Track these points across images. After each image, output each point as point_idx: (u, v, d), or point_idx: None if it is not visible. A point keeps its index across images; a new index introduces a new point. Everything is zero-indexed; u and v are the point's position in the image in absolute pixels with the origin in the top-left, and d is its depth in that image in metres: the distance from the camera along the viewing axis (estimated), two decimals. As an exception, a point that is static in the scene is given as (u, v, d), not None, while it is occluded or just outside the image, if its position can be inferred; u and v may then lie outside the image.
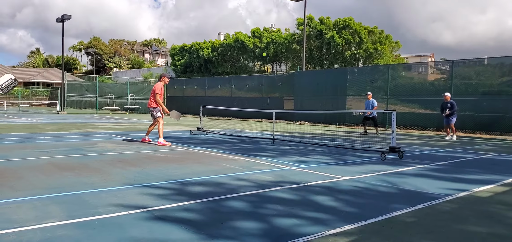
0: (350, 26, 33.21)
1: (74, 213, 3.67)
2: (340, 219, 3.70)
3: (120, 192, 4.55)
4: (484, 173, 6.49)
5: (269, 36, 39.11)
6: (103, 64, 73.61)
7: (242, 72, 39.59)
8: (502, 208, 4.29)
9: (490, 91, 15.89)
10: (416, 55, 52.08)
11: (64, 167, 6.09)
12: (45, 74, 57.65)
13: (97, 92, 31.89)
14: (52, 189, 4.61)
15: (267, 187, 5.02)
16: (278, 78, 25.68)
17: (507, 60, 16.14)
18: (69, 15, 29.70)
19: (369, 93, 15.54)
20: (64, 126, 15.27)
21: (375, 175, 6.06)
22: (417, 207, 4.20)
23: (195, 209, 3.93)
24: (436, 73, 20.40)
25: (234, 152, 8.40)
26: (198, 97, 29.03)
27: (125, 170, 5.96)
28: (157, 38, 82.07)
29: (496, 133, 15.35)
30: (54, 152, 7.81)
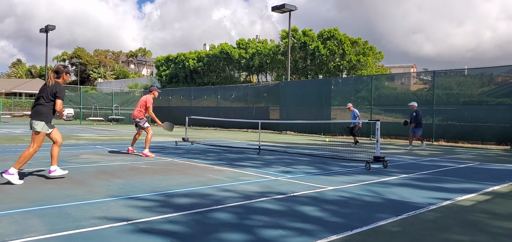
0: (335, 37, 33.67)
1: (56, 227, 3.59)
2: (326, 229, 3.71)
3: (104, 204, 4.48)
4: (466, 182, 6.61)
5: (255, 47, 39.33)
6: (87, 75, 72.73)
7: (228, 82, 39.64)
8: (485, 216, 4.37)
9: (470, 101, 16.26)
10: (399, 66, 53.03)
11: (46, 180, 5.96)
12: (28, 85, 56.64)
13: (81, 103, 31.46)
14: (33, 202, 4.51)
15: (253, 197, 5.00)
16: (264, 88, 25.79)
17: (486, 71, 16.57)
18: (53, 26, 29.36)
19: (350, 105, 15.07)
20: (46, 138, 14.97)
21: (360, 184, 6.11)
22: (402, 216, 4.24)
23: (180, 221, 3.90)
24: (419, 83, 20.79)
25: (220, 163, 8.37)
26: (184, 107, 28.91)
27: (109, 182, 5.87)
28: (142, 48, 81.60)
29: (478, 142, 15.68)
30: (36, 164, 7.65)
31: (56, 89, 5.84)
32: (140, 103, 9.70)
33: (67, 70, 6.13)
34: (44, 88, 5.91)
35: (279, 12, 24.94)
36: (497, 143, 15.21)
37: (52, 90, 5.83)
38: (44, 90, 5.87)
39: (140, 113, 9.61)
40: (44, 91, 5.87)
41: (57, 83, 5.90)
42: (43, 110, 5.82)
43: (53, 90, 5.83)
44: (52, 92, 5.83)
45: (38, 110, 5.82)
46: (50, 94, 5.83)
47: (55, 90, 5.84)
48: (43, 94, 5.85)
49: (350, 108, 14.89)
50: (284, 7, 23.78)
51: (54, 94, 5.84)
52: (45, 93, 5.84)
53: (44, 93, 5.85)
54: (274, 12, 24.73)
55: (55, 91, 5.83)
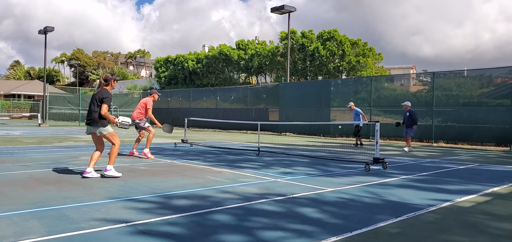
0: (335, 37, 33.69)
1: (55, 228, 3.58)
2: (326, 231, 3.70)
3: (103, 206, 4.46)
4: (466, 183, 6.61)
5: (254, 48, 39.35)
6: (86, 76, 72.71)
7: (227, 84, 39.64)
8: (484, 217, 4.37)
9: (470, 102, 16.27)
10: (398, 67, 53.08)
11: (45, 181, 5.95)
12: (27, 87, 56.58)
13: (80, 104, 31.43)
14: (32, 204, 4.50)
15: (252, 199, 4.99)
16: (263, 90, 25.78)
17: (485, 72, 16.59)
18: (52, 27, 29.32)
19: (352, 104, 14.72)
20: (45, 139, 14.96)
21: (360, 186, 6.10)
22: (401, 217, 4.24)
23: (179, 222, 3.88)
24: (418, 84, 20.81)
25: (219, 164, 8.36)
26: (183, 109, 28.88)
27: (108, 184, 5.86)
28: (141, 50, 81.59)
29: (477, 143, 15.68)
30: (34, 165, 7.64)
31: (103, 95, 6.29)
32: (139, 105, 9.72)
33: (115, 78, 6.61)
34: (94, 95, 6.39)
35: (279, 13, 24.95)
36: (497, 144, 15.21)
37: (100, 96, 6.29)
38: (94, 98, 6.36)
39: (140, 115, 9.63)
40: (94, 98, 6.35)
41: (104, 89, 6.39)
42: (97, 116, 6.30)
43: (101, 96, 6.29)
44: (100, 98, 6.28)
45: (94, 118, 6.29)
46: (98, 100, 6.28)
47: (103, 96, 6.29)
48: (93, 102, 6.33)
49: (352, 107, 14.45)
50: (283, 8, 23.79)
51: (101, 100, 6.27)
52: (94, 100, 6.32)
53: (94, 101, 6.34)
54: (273, 13, 24.75)
55: (102, 97, 6.27)
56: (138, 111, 9.66)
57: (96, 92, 6.42)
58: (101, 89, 6.40)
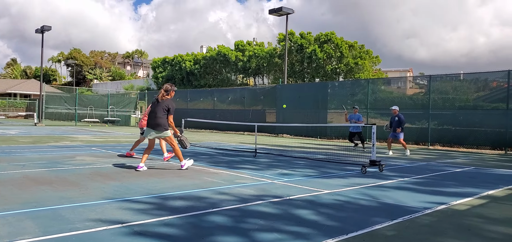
0: (332, 40, 33.76)
1: (50, 229, 3.56)
2: (322, 233, 3.70)
3: (98, 207, 4.45)
4: (461, 186, 6.63)
5: (252, 49, 39.37)
6: (83, 76, 72.48)
7: (225, 85, 39.63)
8: (479, 221, 4.39)
9: (466, 105, 16.34)
10: (395, 70, 53.25)
11: (40, 181, 5.92)
12: (23, 86, 56.36)
13: (77, 104, 31.33)
14: (27, 204, 4.47)
15: (249, 201, 4.99)
16: (260, 91, 25.78)
17: (481, 76, 16.67)
18: (49, 26, 29.21)
19: (356, 108, 14.66)
20: (41, 139, 14.90)
21: (356, 188, 6.11)
22: (397, 220, 4.25)
23: (175, 224, 3.88)
24: (415, 87, 20.86)
25: (216, 165, 8.35)
26: (180, 109, 28.77)
27: (104, 184, 5.84)
28: (139, 50, 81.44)
29: (473, 146, 15.75)
30: (30, 165, 7.60)
31: (169, 105, 7.36)
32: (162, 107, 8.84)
33: (173, 88, 7.55)
34: (159, 104, 7.34)
35: (276, 15, 24.99)
36: (492, 147, 15.28)
37: (166, 106, 7.33)
38: (159, 106, 7.33)
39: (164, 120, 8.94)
40: (159, 106, 7.32)
41: (169, 100, 7.42)
42: (163, 122, 7.33)
43: (167, 106, 7.33)
44: (166, 108, 7.33)
45: (160, 123, 7.29)
46: (165, 109, 7.32)
47: (169, 106, 7.35)
48: (159, 109, 7.32)
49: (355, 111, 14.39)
50: (281, 10, 23.83)
51: (168, 109, 7.34)
52: (160, 108, 7.32)
53: (159, 108, 7.32)
54: (271, 15, 24.77)
55: (168, 107, 7.35)
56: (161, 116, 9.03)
57: (160, 101, 7.33)
58: (166, 100, 7.36)
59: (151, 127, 7.39)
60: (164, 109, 7.32)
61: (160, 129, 7.31)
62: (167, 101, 7.37)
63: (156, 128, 7.32)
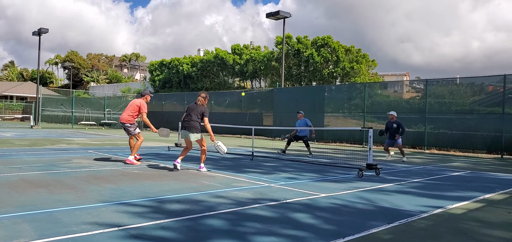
0: (329, 44, 33.87)
1: (46, 232, 3.55)
2: (318, 236, 3.71)
3: (95, 210, 4.44)
4: (457, 190, 6.65)
5: (249, 53, 39.42)
6: (80, 79, 72.31)
7: (222, 88, 39.64)
8: (475, 225, 4.40)
9: (462, 110, 16.42)
10: (392, 74, 53.45)
11: (36, 184, 5.90)
12: (19, 88, 56.15)
13: (73, 106, 31.23)
14: (23, 207, 4.45)
15: (246, 204, 4.99)
16: (258, 94, 25.80)
17: (477, 80, 16.77)
18: (46, 29, 29.16)
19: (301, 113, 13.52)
20: (37, 141, 14.84)
21: (353, 191, 6.13)
22: (394, 224, 4.26)
23: (172, 227, 3.87)
24: (411, 91, 20.96)
25: (213, 168, 8.35)
26: (177, 112, 28.79)
27: (100, 187, 5.82)
28: (135, 53, 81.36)
29: (469, 150, 15.81)
30: (26, 168, 7.57)
31: (204, 111, 7.97)
32: (131, 107, 8.96)
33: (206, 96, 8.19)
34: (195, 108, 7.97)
35: (274, 19, 25.04)
36: (488, 151, 15.35)
37: (201, 110, 7.93)
38: (195, 110, 7.94)
39: (131, 118, 8.91)
40: (195, 110, 7.93)
41: (204, 107, 8.04)
42: (197, 125, 7.88)
43: (202, 111, 7.93)
44: (201, 112, 7.91)
45: (195, 126, 7.84)
46: (200, 113, 7.91)
47: (203, 111, 7.96)
48: (195, 113, 7.89)
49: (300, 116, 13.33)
50: (278, 14, 23.89)
51: (202, 114, 7.94)
52: (196, 112, 7.90)
53: (195, 113, 7.90)
54: (268, 18, 24.83)
55: (203, 112, 7.95)
56: (129, 114, 8.86)
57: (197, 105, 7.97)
58: (201, 106, 7.97)
59: (186, 128, 7.84)
60: (200, 114, 7.92)
61: (195, 131, 7.79)
62: (203, 108, 8.00)
63: (191, 130, 7.78)
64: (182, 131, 8.02)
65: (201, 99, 8.05)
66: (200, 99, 8.04)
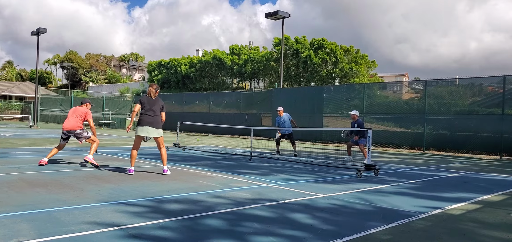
0: (325, 46, 33.92)
1: (45, 231, 3.54)
2: (317, 237, 3.71)
3: (93, 209, 4.43)
4: (456, 191, 6.66)
5: (247, 53, 39.43)
6: (78, 79, 72.24)
7: (220, 88, 39.64)
8: (474, 225, 4.41)
9: (461, 110, 16.44)
10: (391, 75, 53.51)
11: (35, 183, 5.89)
12: (18, 88, 56.07)
13: (72, 106, 31.16)
14: (22, 206, 4.45)
15: (244, 204, 4.99)
16: (256, 95, 25.80)
17: (476, 81, 16.80)
18: (45, 29, 29.12)
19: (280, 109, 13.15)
20: (36, 141, 14.82)
21: (351, 192, 6.13)
22: (392, 224, 4.26)
23: (170, 227, 3.87)
24: (411, 92, 20.98)
25: (211, 169, 8.34)
26: (176, 113, 28.80)
27: (99, 187, 5.82)
28: (134, 53, 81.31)
29: (468, 151, 15.83)
30: (25, 167, 7.56)
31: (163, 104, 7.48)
32: (77, 114, 8.57)
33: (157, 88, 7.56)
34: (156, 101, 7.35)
35: (273, 19, 25.05)
36: (487, 152, 15.36)
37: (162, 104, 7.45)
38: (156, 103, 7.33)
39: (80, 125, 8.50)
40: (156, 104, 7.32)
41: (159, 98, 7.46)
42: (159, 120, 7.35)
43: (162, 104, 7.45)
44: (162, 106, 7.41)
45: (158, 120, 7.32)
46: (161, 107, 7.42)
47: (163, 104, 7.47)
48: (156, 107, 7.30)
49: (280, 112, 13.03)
50: (277, 14, 23.90)
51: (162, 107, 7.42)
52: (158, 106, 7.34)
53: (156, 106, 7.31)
54: (267, 18, 24.83)
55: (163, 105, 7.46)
56: (76, 121, 8.47)
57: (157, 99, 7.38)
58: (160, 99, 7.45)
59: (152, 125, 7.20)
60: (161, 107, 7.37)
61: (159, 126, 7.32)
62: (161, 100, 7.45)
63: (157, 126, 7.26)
64: (143, 127, 7.18)
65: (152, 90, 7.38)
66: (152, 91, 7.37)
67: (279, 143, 13.46)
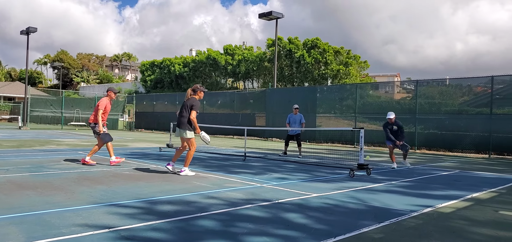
0: (318, 46, 34.03)
1: (35, 234, 3.51)
2: (310, 236, 3.72)
3: (85, 211, 4.40)
4: (447, 189, 6.73)
5: (241, 53, 39.41)
6: (70, 79, 71.61)
7: (214, 88, 39.58)
8: (464, 223, 4.46)
9: (451, 110, 16.61)
10: (383, 75, 53.83)
11: (25, 186, 5.83)
12: (7, 88, 55.41)
13: (63, 107, 30.91)
14: (11, 209, 4.40)
15: (238, 205, 4.99)
16: (250, 95, 25.80)
17: (465, 81, 17.00)
18: (34, 28, 28.84)
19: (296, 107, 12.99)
20: (26, 142, 14.66)
21: (344, 191, 6.16)
22: (384, 223, 4.29)
23: (163, 228, 3.85)
24: (402, 92, 21.13)
25: (205, 169, 8.32)
26: (169, 113, 28.68)
27: (91, 188, 5.77)
28: (127, 53, 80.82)
29: (458, 150, 15.99)
30: (14, 169, 7.47)
31: (192, 103, 7.22)
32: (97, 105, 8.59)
33: (202, 89, 7.45)
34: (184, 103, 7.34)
35: (266, 19, 25.07)
36: (477, 151, 15.54)
37: (190, 103, 7.22)
38: (184, 105, 7.29)
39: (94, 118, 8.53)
40: (184, 105, 7.28)
41: (193, 98, 7.30)
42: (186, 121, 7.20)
43: (190, 103, 7.22)
44: (190, 105, 7.20)
45: (183, 122, 7.19)
46: (189, 107, 7.21)
47: (192, 103, 7.21)
48: (184, 108, 7.24)
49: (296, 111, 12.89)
50: (271, 14, 23.92)
51: (191, 107, 7.19)
52: (185, 107, 7.24)
53: (184, 107, 7.25)
54: (260, 19, 24.84)
55: (192, 104, 7.21)
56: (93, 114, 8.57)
57: (186, 100, 7.32)
58: (191, 98, 7.27)
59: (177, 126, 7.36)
60: (189, 108, 7.21)
61: (183, 128, 7.21)
62: (191, 99, 7.28)
63: (179, 126, 7.27)
64: (176, 130, 7.47)
65: (189, 91, 7.44)
66: (189, 91, 7.43)
67: (288, 143, 13.08)
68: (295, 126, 12.77)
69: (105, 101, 8.60)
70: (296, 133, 12.84)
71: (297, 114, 12.91)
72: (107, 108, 8.64)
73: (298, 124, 12.80)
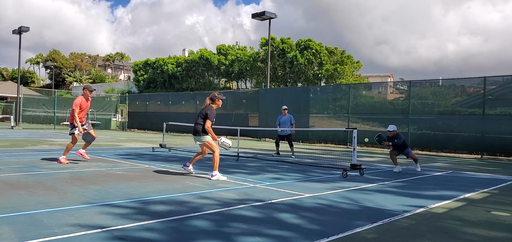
0: (311, 47, 34.12)
1: (27, 234, 3.48)
2: (303, 236, 3.73)
3: (77, 211, 4.37)
4: (439, 189, 6.78)
5: (234, 53, 39.38)
6: (62, 78, 71.04)
7: (207, 88, 39.50)
8: (456, 223, 4.49)
9: (444, 111, 16.73)
10: (376, 75, 54.10)
11: (17, 185, 5.77)
12: (-1, 87, 54.80)
13: (56, 106, 30.67)
14: (3, 209, 4.35)
15: (231, 205, 4.98)
16: (243, 95, 25.80)
17: (458, 82, 17.13)
18: (27, 27, 28.58)
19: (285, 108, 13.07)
20: (18, 142, 14.53)
21: (337, 191, 6.18)
22: (377, 223, 4.31)
23: (156, 228, 3.84)
24: (395, 92, 21.26)
25: (198, 169, 8.31)
26: (162, 113, 28.58)
27: (83, 188, 5.73)
28: (120, 53, 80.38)
29: (451, 150, 16.12)
30: (6, 169, 7.40)
31: (207, 111, 7.18)
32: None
33: (220, 97, 7.42)
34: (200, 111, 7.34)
35: (259, 19, 25.07)
36: (469, 152, 15.67)
37: (204, 112, 7.20)
38: (200, 112, 7.31)
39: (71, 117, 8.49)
40: (200, 113, 7.30)
41: (210, 106, 7.28)
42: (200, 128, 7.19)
43: (205, 111, 7.19)
44: (204, 114, 7.17)
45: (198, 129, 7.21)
46: (203, 115, 7.18)
47: (207, 111, 7.18)
48: (200, 116, 7.26)
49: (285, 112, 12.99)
50: (264, 14, 23.92)
51: (206, 115, 7.14)
52: (200, 114, 7.26)
53: (200, 115, 7.27)
54: (254, 19, 24.83)
55: (206, 112, 7.16)
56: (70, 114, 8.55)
57: (202, 108, 7.33)
58: (208, 106, 7.27)
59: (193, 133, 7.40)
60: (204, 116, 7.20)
61: (198, 134, 7.22)
62: (208, 107, 7.26)
63: (195, 134, 7.30)
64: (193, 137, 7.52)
65: (207, 100, 7.44)
66: (207, 101, 7.43)
67: (278, 144, 13.21)
68: (285, 127, 12.85)
69: (79, 100, 8.55)
70: (286, 133, 12.91)
71: (287, 115, 13.01)
72: (82, 107, 8.60)
73: (288, 125, 12.88)
